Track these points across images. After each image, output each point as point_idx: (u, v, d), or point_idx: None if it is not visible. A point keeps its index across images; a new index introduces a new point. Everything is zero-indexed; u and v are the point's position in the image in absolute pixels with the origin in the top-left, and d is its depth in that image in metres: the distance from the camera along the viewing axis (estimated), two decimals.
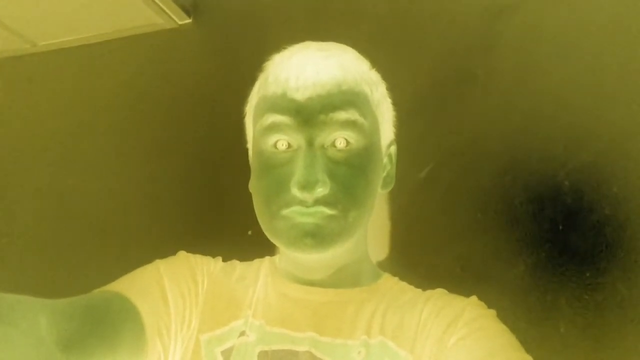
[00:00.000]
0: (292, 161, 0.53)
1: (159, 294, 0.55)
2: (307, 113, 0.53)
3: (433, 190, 0.83)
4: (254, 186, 0.59)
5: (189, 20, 1.07)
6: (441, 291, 0.59)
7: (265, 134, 0.55)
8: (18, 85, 1.19)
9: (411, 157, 0.70)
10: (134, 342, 0.50)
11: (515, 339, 0.51)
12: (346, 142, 0.54)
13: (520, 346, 0.50)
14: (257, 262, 0.65)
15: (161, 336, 0.53)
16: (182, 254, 0.63)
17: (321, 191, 0.52)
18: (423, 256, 0.81)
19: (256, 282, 0.61)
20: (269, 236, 0.57)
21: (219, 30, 1.06)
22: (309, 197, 0.52)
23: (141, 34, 1.09)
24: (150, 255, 0.61)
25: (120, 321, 0.50)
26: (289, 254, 0.59)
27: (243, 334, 0.56)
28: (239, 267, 0.64)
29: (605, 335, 0.71)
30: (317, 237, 0.52)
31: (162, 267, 0.58)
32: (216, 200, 0.98)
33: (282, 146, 0.55)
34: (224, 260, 0.66)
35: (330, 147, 0.54)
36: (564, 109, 0.79)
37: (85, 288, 0.52)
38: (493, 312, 0.55)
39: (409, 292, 0.60)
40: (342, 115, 0.53)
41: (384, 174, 0.62)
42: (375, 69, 0.61)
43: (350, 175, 0.54)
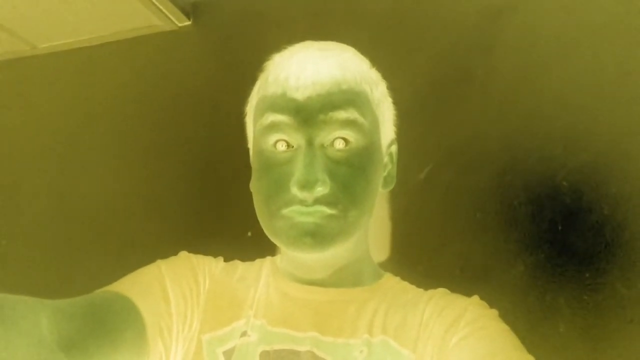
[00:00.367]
0: (292, 160, 0.53)
1: (161, 294, 0.55)
2: (306, 112, 0.53)
3: (432, 191, 0.83)
4: (254, 186, 0.58)
5: (188, 23, 1.07)
6: (443, 291, 0.59)
7: (265, 133, 0.55)
8: (18, 87, 1.19)
9: (411, 158, 0.70)
10: (135, 342, 0.50)
11: (517, 338, 0.51)
12: (346, 141, 0.54)
13: (522, 346, 0.50)
14: (258, 262, 0.65)
15: (163, 336, 0.53)
16: (184, 254, 0.62)
17: (321, 190, 0.51)
18: (422, 256, 0.81)
19: (257, 282, 0.61)
20: (269, 235, 0.57)
21: (218, 32, 1.06)
22: (308, 197, 0.51)
23: (141, 36, 1.10)
24: (151, 255, 0.60)
25: (122, 321, 0.49)
26: (289, 253, 0.59)
27: (245, 334, 0.56)
28: (240, 267, 0.64)
29: (605, 335, 0.71)
30: (316, 236, 0.52)
31: (163, 267, 0.58)
32: (216, 202, 0.98)
33: (281, 146, 0.54)
34: (225, 261, 0.65)
35: (330, 147, 0.54)
36: (563, 110, 0.79)
37: (87, 289, 0.52)
38: (495, 311, 0.55)
39: (411, 291, 0.60)
40: (341, 115, 0.53)
41: (384, 174, 0.61)
42: (375, 69, 0.61)
43: (350, 175, 0.54)
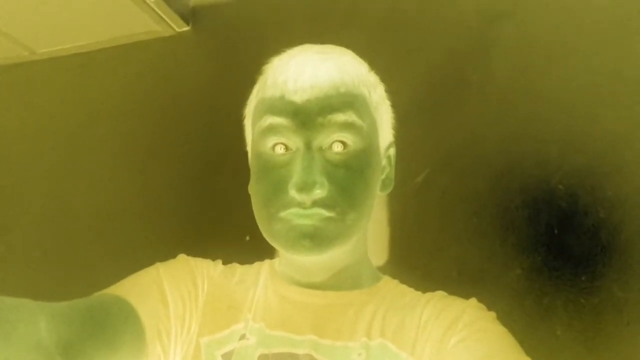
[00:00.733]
0: (290, 163, 0.53)
1: (159, 296, 0.55)
2: (305, 115, 0.53)
3: (429, 195, 0.84)
4: (252, 188, 0.58)
5: (187, 28, 1.08)
6: (441, 293, 0.59)
7: (264, 136, 0.55)
8: (17, 92, 1.19)
9: (408, 162, 0.70)
10: (133, 345, 0.50)
11: (515, 341, 0.51)
12: (344, 144, 0.54)
13: (520, 348, 0.50)
14: (257, 265, 0.65)
15: (161, 339, 0.52)
16: (182, 257, 0.62)
17: (319, 193, 0.52)
18: (420, 260, 0.81)
19: (256, 285, 0.61)
20: (267, 238, 0.57)
21: (217, 37, 1.06)
22: (307, 199, 0.51)
23: (140, 41, 1.10)
24: (149, 259, 0.60)
25: (120, 324, 0.49)
26: (287, 256, 0.59)
27: (243, 337, 0.56)
28: (239, 270, 0.64)
29: (601, 338, 0.71)
30: (315, 239, 0.52)
31: (162, 270, 0.58)
32: (215, 206, 0.98)
33: (280, 148, 0.54)
34: (223, 265, 0.65)
35: (329, 150, 0.54)
36: (559, 114, 0.80)
37: (85, 291, 0.52)
38: (493, 314, 0.55)
39: (409, 294, 0.60)
40: (340, 118, 0.53)
41: (382, 176, 0.61)
42: (373, 72, 0.61)
43: (349, 178, 0.54)
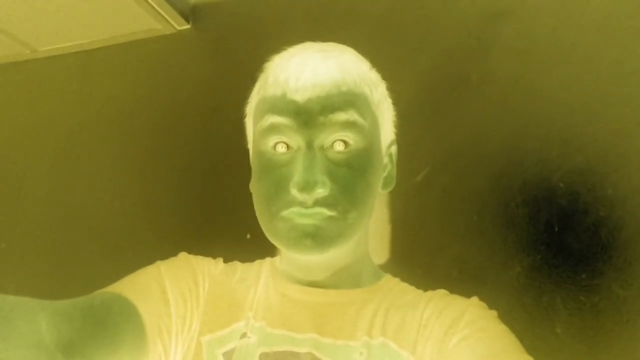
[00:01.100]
0: (292, 162, 0.53)
1: (160, 295, 0.55)
2: (306, 114, 0.53)
3: (430, 193, 0.84)
4: (254, 186, 0.58)
5: (187, 26, 1.08)
6: (442, 292, 0.59)
7: (265, 135, 0.55)
8: (17, 90, 1.19)
9: (408, 161, 0.70)
10: (134, 344, 0.50)
11: (516, 339, 0.51)
12: (346, 143, 0.54)
13: (522, 347, 0.50)
14: (257, 263, 0.65)
15: (162, 337, 0.53)
16: (183, 255, 0.62)
17: (321, 192, 0.51)
18: (420, 258, 0.81)
19: (257, 283, 0.61)
20: (269, 237, 0.57)
21: (218, 35, 1.06)
22: (308, 199, 0.51)
23: (140, 39, 1.10)
24: (150, 258, 0.60)
25: (121, 322, 0.49)
26: (289, 254, 0.59)
27: (244, 335, 0.56)
28: (240, 268, 0.64)
29: (601, 336, 0.71)
30: (316, 238, 0.52)
31: (163, 268, 0.58)
32: (215, 205, 0.98)
33: (281, 147, 0.54)
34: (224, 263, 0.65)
35: (330, 148, 0.54)
36: (559, 112, 0.80)
37: (86, 290, 0.52)
38: (494, 312, 0.55)
39: (411, 292, 0.60)
40: (341, 117, 0.53)
41: (384, 174, 0.61)
42: (374, 70, 0.61)
43: (350, 176, 0.53)
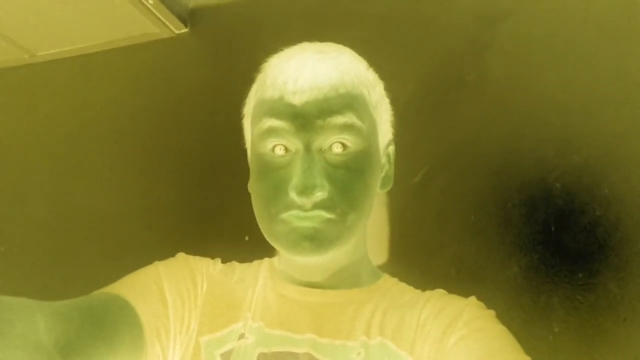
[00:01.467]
0: (290, 165, 0.53)
1: (158, 295, 0.55)
2: (304, 118, 0.52)
3: (428, 194, 0.84)
4: (252, 188, 0.58)
5: (185, 30, 1.08)
6: (441, 292, 0.59)
7: (263, 138, 0.55)
8: (16, 94, 1.19)
9: (406, 161, 0.70)
10: (132, 344, 0.50)
11: (515, 339, 0.51)
12: (344, 145, 0.54)
13: (520, 347, 0.50)
14: (256, 264, 0.65)
15: (160, 338, 0.52)
16: (181, 256, 0.62)
17: (320, 195, 0.51)
18: (418, 258, 0.81)
19: (255, 283, 0.61)
20: (268, 238, 0.57)
21: (216, 39, 1.06)
22: (307, 202, 0.51)
23: (139, 43, 1.10)
24: (148, 259, 0.61)
25: (119, 323, 0.49)
26: (287, 256, 0.59)
27: (242, 336, 0.56)
28: (238, 268, 0.64)
29: (598, 335, 0.71)
30: (315, 241, 0.52)
31: (161, 268, 0.58)
32: (214, 207, 0.98)
33: (280, 150, 0.54)
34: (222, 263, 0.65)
35: (328, 151, 0.54)
36: (556, 113, 0.80)
37: (85, 291, 0.52)
38: (492, 312, 0.55)
39: (409, 292, 0.60)
40: (339, 120, 0.53)
41: (382, 174, 0.61)
42: (372, 70, 0.61)
43: (349, 179, 0.53)
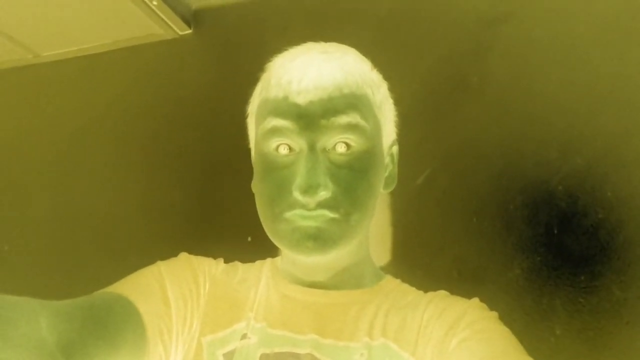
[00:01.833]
0: (294, 164, 0.53)
1: (160, 295, 0.55)
2: (308, 117, 0.53)
3: (430, 196, 0.84)
4: (256, 187, 0.58)
5: (189, 31, 1.08)
6: (443, 293, 0.59)
7: (267, 137, 0.55)
8: (20, 95, 1.20)
9: (408, 163, 0.70)
10: (135, 344, 0.50)
11: (517, 341, 0.51)
12: (348, 145, 0.54)
13: (522, 348, 0.50)
14: (258, 264, 0.65)
15: (162, 338, 0.53)
16: (184, 256, 0.62)
17: (323, 195, 0.52)
18: (420, 260, 0.81)
19: (258, 283, 0.61)
20: (271, 237, 0.57)
21: (219, 40, 1.07)
22: (311, 201, 0.52)
23: (142, 44, 1.10)
24: (151, 259, 0.61)
25: (122, 322, 0.49)
26: (290, 255, 0.59)
27: (245, 336, 0.56)
28: (240, 268, 0.64)
29: (601, 338, 0.71)
30: (318, 240, 0.52)
31: (163, 268, 0.58)
32: (217, 208, 0.98)
33: (284, 149, 0.54)
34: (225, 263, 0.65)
35: (332, 150, 0.54)
36: (558, 115, 0.80)
37: (87, 291, 0.52)
38: (495, 313, 0.55)
39: (411, 293, 0.60)
40: (343, 119, 0.53)
41: (385, 174, 0.61)
42: (376, 71, 0.61)
43: (352, 179, 0.54)
